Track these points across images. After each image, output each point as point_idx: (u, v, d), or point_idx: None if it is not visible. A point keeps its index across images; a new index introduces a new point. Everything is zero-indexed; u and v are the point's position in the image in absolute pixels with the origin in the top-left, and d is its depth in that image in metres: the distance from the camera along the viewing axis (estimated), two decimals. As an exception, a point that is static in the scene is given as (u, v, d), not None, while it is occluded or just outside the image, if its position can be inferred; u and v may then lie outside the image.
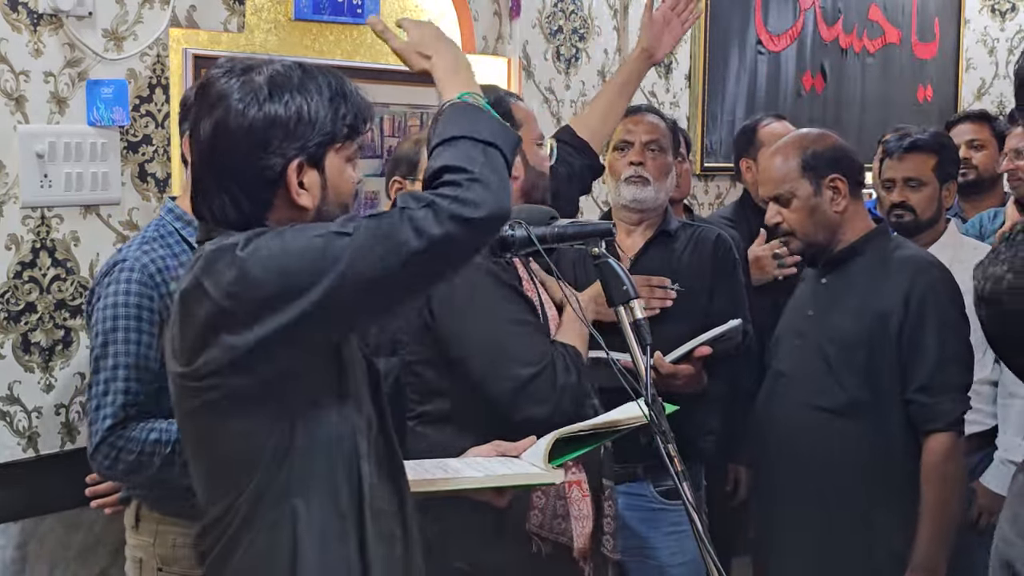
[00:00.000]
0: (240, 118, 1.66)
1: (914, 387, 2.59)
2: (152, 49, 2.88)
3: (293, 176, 1.68)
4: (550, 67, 4.11)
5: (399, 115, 3.55)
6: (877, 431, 2.61)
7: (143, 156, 2.88)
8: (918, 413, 2.59)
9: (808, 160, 2.68)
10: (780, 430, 2.72)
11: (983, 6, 6.45)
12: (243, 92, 1.67)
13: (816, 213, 2.68)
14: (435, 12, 3.66)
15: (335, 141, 1.73)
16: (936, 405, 2.57)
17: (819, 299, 2.75)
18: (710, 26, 4.74)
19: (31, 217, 2.68)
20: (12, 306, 2.66)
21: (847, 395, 2.62)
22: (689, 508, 1.75)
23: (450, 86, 1.81)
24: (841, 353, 2.64)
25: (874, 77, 5.80)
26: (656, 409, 1.81)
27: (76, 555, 2.79)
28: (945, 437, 2.57)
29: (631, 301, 1.91)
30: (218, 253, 1.62)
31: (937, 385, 2.58)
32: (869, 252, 2.69)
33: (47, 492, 2.70)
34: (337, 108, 1.72)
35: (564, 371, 2.19)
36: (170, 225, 2.35)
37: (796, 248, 2.76)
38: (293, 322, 1.57)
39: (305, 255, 1.58)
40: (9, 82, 2.62)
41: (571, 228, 2.03)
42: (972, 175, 3.96)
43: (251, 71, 1.70)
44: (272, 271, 1.58)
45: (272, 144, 1.66)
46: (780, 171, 2.70)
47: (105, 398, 2.20)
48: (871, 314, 2.62)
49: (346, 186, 1.77)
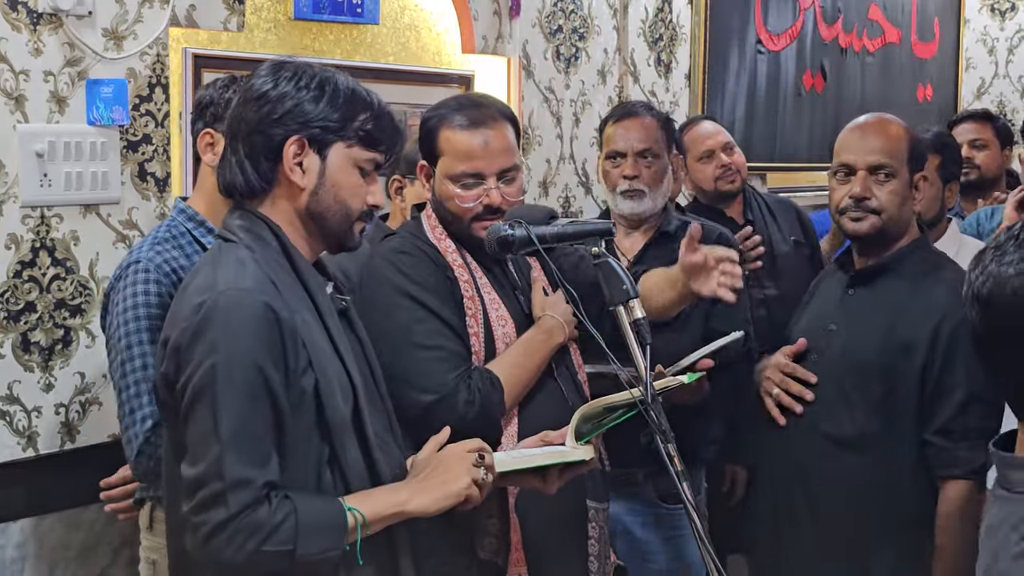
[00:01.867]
0: (260, 89, 1.82)
1: (934, 428, 2.40)
2: (152, 48, 2.88)
3: (290, 150, 1.80)
4: (550, 67, 4.11)
5: (399, 114, 3.54)
6: (884, 467, 2.44)
7: (143, 155, 2.88)
8: (936, 457, 2.41)
9: (915, 147, 2.53)
10: (782, 445, 2.58)
11: (983, 6, 6.46)
12: (270, 72, 1.84)
13: (906, 203, 2.51)
14: (435, 11, 3.66)
15: (343, 135, 1.81)
16: (956, 450, 2.38)
17: (844, 313, 2.56)
18: (710, 26, 4.74)
19: (31, 216, 2.68)
20: (12, 306, 2.66)
21: (856, 428, 2.46)
22: (689, 508, 1.75)
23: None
24: (857, 381, 2.47)
25: (874, 77, 5.80)
26: (656, 409, 1.81)
27: (76, 555, 2.79)
28: (963, 486, 2.38)
29: (631, 300, 1.90)
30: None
31: (959, 429, 2.38)
32: (905, 266, 2.51)
33: (47, 492, 2.70)
34: (357, 111, 1.83)
35: (466, 402, 2.15)
36: (182, 226, 2.34)
37: (868, 228, 2.49)
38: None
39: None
40: (9, 81, 2.62)
41: (571, 228, 2.03)
42: (974, 175, 3.96)
43: (286, 65, 1.85)
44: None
45: (278, 114, 1.79)
46: (891, 144, 2.49)
47: (139, 399, 2.19)
48: (895, 342, 2.43)
49: (349, 187, 1.83)
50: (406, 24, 3.59)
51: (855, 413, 2.47)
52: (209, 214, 2.33)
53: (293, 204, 1.83)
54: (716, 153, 3.64)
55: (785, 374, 2.56)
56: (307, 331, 1.75)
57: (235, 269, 1.74)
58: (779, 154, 5.22)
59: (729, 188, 3.64)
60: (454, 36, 3.73)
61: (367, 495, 1.75)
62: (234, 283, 1.72)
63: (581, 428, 1.99)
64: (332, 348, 1.79)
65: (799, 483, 2.54)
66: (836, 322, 2.56)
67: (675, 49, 4.67)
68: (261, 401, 1.67)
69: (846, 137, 2.56)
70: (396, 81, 3.51)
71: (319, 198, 1.82)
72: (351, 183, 1.83)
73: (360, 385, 1.81)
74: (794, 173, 5.26)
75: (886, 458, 2.44)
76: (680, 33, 4.68)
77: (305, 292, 1.80)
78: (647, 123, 2.95)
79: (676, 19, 4.66)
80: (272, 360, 1.68)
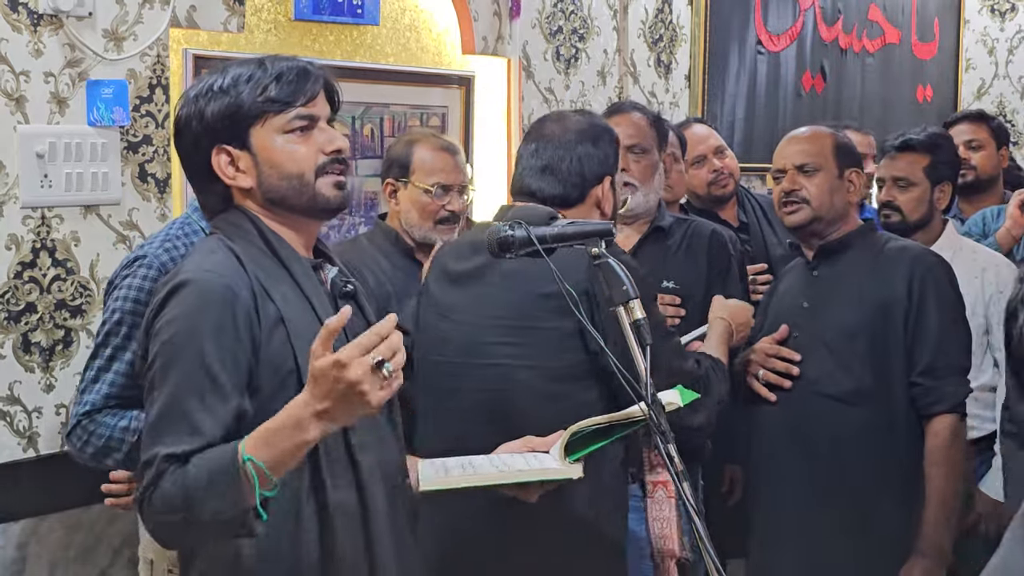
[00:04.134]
0: (176, 125, 1.84)
1: (918, 370, 2.62)
2: (152, 49, 2.88)
3: (219, 163, 1.81)
4: (550, 67, 4.11)
5: (399, 115, 3.55)
6: (882, 418, 2.63)
7: (143, 156, 2.88)
8: (922, 395, 2.62)
9: (841, 146, 2.78)
10: (783, 419, 2.72)
11: (983, 6, 6.45)
12: (180, 105, 1.85)
13: (835, 194, 2.73)
14: (435, 12, 3.66)
15: (253, 119, 1.79)
16: (940, 387, 2.61)
17: (813, 291, 2.76)
18: (710, 27, 4.75)
19: (31, 217, 2.68)
20: (12, 306, 2.66)
21: (854, 382, 2.64)
22: (690, 508, 1.75)
23: None
24: (844, 342, 2.66)
25: (874, 77, 5.80)
26: (656, 409, 1.81)
27: (76, 555, 2.79)
28: (950, 419, 2.61)
29: (631, 301, 1.90)
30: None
31: (941, 367, 2.62)
32: (860, 245, 2.74)
33: (47, 492, 2.71)
34: (244, 90, 1.79)
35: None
36: (196, 224, 2.36)
37: (800, 218, 2.73)
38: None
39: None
40: (9, 82, 2.62)
41: (571, 228, 2.02)
42: (971, 175, 3.95)
43: (189, 88, 1.87)
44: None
45: (192, 138, 1.81)
46: (815, 145, 2.77)
47: (93, 385, 2.26)
48: (872, 303, 2.65)
49: (287, 158, 1.81)
50: (406, 25, 3.59)
51: (850, 368, 2.65)
52: None
53: (255, 201, 1.83)
54: (708, 158, 3.64)
55: (769, 355, 2.73)
56: (288, 309, 1.75)
57: (203, 256, 1.77)
58: (779, 155, 5.21)
59: (722, 192, 3.65)
60: (454, 37, 3.74)
61: (269, 439, 1.61)
62: (197, 267, 1.74)
63: (575, 442, 1.96)
64: (318, 324, 1.74)
65: (799, 447, 2.68)
66: (808, 300, 2.76)
67: (675, 50, 4.67)
68: (196, 377, 1.65)
69: (779, 146, 2.85)
70: (396, 82, 3.51)
71: (268, 185, 1.81)
72: (286, 153, 1.81)
73: None
74: (794, 174, 5.26)
75: (881, 408, 2.63)
76: (680, 34, 4.69)
77: (288, 274, 1.80)
78: (635, 119, 2.96)
79: (676, 20, 4.66)
80: (218, 337, 1.68)
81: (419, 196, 2.81)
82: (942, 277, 2.67)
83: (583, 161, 2.34)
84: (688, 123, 3.81)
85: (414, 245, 2.85)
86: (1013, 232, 3.58)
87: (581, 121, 2.40)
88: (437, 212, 2.81)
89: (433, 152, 2.84)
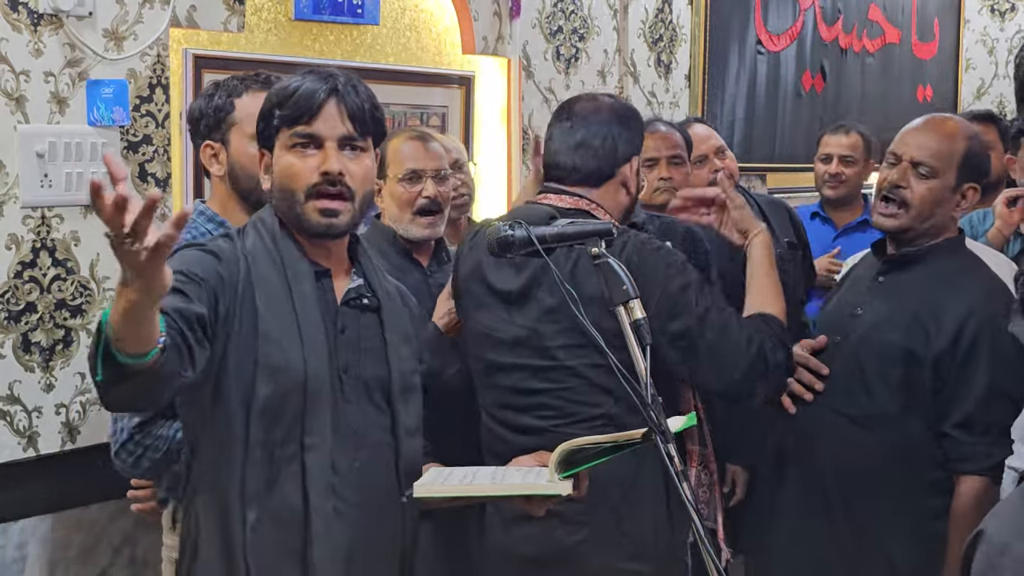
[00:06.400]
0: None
1: (953, 421, 2.41)
2: (152, 49, 2.88)
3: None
4: (550, 67, 4.11)
5: (399, 115, 3.55)
6: (897, 447, 2.47)
7: (143, 156, 2.88)
8: (954, 450, 2.42)
9: (971, 157, 2.53)
10: (793, 426, 2.63)
11: (983, 6, 6.46)
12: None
13: (939, 206, 2.51)
14: (435, 12, 3.66)
15: (275, 130, 1.88)
16: (976, 445, 2.39)
17: (870, 299, 2.58)
18: (710, 27, 4.75)
19: (31, 217, 2.68)
20: (12, 306, 2.66)
21: (874, 406, 2.48)
22: (690, 508, 1.75)
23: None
24: (878, 364, 2.49)
25: (874, 77, 5.80)
26: (656, 409, 1.81)
27: (76, 555, 2.79)
28: (979, 482, 2.38)
29: (631, 301, 1.90)
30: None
31: (979, 424, 2.39)
32: (936, 262, 2.52)
33: (47, 492, 2.71)
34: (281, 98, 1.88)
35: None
36: (202, 227, 2.35)
37: (891, 225, 2.53)
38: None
39: None
40: (9, 82, 2.62)
41: (571, 228, 2.03)
42: None
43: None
44: None
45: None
46: (944, 147, 2.51)
47: None
48: (920, 331, 2.45)
49: (284, 172, 1.88)
50: (406, 25, 3.59)
51: (875, 392, 2.48)
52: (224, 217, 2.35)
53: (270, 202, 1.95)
54: (709, 158, 3.64)
55: (799, 364, 2.59)
56: (265, 287, 1.83)
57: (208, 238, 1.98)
58: (779, 154, 5.22)
59: None
60: (454, 37, 3.74)
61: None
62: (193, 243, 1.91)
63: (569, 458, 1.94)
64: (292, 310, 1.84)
65: (807, 461, 2.59)
66: (863, 306, 2.58)
67: (675, 50, 4.67)
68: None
69: (907, 128, 2.60)
70: (396, 82, 3.51)
71: (273, 196, 1.92)
72: (285, 169, 1.88)
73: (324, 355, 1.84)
74: (794, 173, 5.26)
75: (899, 439, 2.46)
76: (680, 34, 4.69)
77: (283, 274, 1.85)
78: (676, 137, 3.14)
79: (676, 20, 4.66)
80: (190, 266, 1.75)
81: (394, 188, 2.75)
82: (1004, 328, 2.30)
83: (616, 139, 2.40)
84: (688, 123, 3.81)
85: (410, 244, 2.83)
86: (1004, 231, 3.58)
87: (613, 102, 2.49)
88: (414, 201, 2.73)
89: (402, 142, 2.79)
